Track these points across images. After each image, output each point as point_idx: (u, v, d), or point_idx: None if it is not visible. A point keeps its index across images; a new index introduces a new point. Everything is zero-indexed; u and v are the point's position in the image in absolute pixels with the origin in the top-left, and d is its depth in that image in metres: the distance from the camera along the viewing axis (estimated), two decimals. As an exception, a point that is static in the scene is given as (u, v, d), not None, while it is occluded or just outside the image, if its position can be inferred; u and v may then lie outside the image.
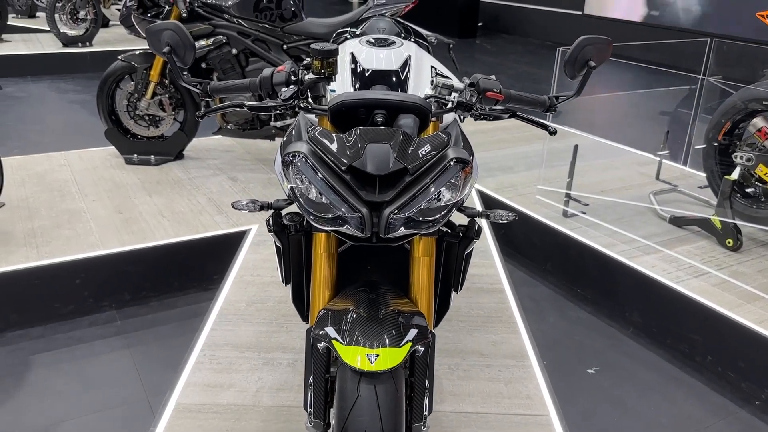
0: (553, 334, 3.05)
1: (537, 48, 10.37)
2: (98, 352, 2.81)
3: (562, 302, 3.33)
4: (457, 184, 1.43)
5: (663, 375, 2.79)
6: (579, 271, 3.43)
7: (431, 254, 1.59)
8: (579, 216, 3.64)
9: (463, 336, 2.62)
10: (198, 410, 2.18)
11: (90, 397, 2.54)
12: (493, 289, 2.96)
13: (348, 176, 1.36)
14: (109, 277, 3.12)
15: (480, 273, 3.09)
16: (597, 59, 1.65)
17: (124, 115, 4.12)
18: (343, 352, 1.35)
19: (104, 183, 3.88)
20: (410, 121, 1.43)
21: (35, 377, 2.64)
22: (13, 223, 3.33)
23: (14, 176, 3.92)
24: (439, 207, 1.42)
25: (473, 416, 2.20)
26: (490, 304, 2.84)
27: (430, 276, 1.59)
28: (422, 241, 1.58)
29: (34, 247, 3.09)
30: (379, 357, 1.34)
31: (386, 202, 1.37)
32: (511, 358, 2.50)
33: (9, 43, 7.62)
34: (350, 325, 1.40)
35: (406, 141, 1.38)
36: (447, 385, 2.34)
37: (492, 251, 3.32)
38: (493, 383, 2.36)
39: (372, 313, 1.45)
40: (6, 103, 6.26)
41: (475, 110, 1.56)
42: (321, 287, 1.57)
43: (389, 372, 1.34)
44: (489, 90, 1.58)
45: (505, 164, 4.42)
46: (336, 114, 1.45)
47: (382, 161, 1.34)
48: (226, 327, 2.62)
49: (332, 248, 1.58)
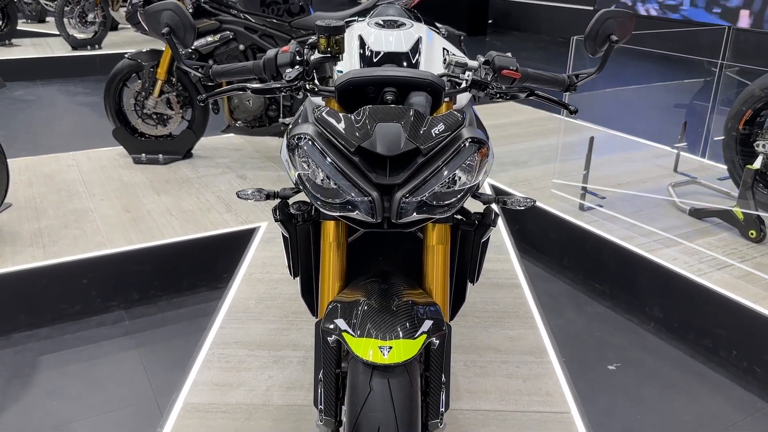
0: (572, 330, 2.96)
1: (548, 44, 10.26)
2: (106, 353, 2.76)
3: (580, 297, 3.24)
4: (472, 165, 1.35)
5: (686, 371, 2.70)
6: (597, 265, 3.33)
7: (446, 242, 1.52)
8: (596, 209, 3.55)
9: (479, 332, 2.54)
10: (206, 410, 2.11)
11: (98, 397, 2.48)
12: (509, 284, 2.88)
13: (357, 158, 1.28)
14: (117, 277, 3.07)
15: (495, 268, 3.01)
16: (619, 34, 1.57)
17: (132, 114, 4.07)
18: (355, 345, 1.28)
19: (112, 182, 3.84)
20: (422, 99, 1.35)
21: (43, 378, 2.59)
22: (20, 223, 3.28)
23: (22, 177, 3.88)
24: (454, 191, 1.34)
25: (491, 414, 2.12)
26: (506, 299, 2.76)
27: (445, 265, 1.52)
28: (436, 229, 1.50)
29: (41, 247, 3.05)
30: (392, 349, 1.27)
31: (397, 186, 1.29)
32: (529, 354, 2.42)
33: (19, 47, 7.62)
34: (361, 317, 1.33)
35: (418, 120, 1.30)
36: (463, 382, 2.26)
37: (507, 245, 3.23)
38: (511, 380, 2.28)
39: (384, 305, 1.38)
40: (15, 106, 6.25)
41: (491, 89, 1.48)
42: (330, 278, 1.50)
43: (403, 365, 1.27)
44: (505, 68, 1.50)
45: (519, 159, 4.34)
46: (343, 94, 1.38)
47: (392, 141, 1.26)
48: (236, 325, 2.56)
49: (342, 237, 1.51)
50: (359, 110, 1.31)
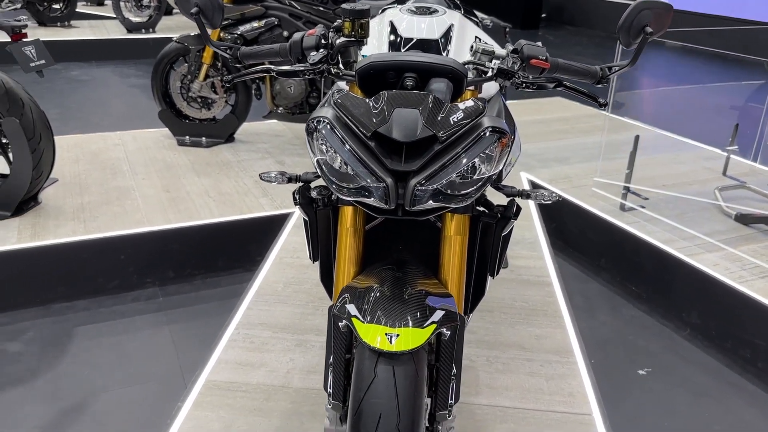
0: (604, 332, 2.89)
1: (603, 40, 10.03)
2: (138, 327, 2.83)
3: (616, 300, 3.16)
4: (491, 155, 1.33)
5: (720, 380, 2.61)
6: (634, 267, 3.25)
7: (464, 233, 1.49)
8: (637, 210, 3.46)
9: (505, 328, 2.51)
10: (227, 388, 2.14)
11: (127, 370, 2.55)
12: (540, 282, 2.83)
13: (373, 143, 1.27)
14: (154, 254, 3.14)
15: (527, 265, 2.96)
16: (655, 26, 1.51)
17: (178, 96, 4.15)
18: (362, 331, 1.28)
19: (155, 163, 3.92)
20: (443, 86, 1.33)
21: (77, 348, 2.67)
22: (64, 198, 3.39)
23: (69, 154, 4.00)
24: (472, 180, 1.32)
25: (510, 411, 2.09)
26: (535, 297, 2.71)
27: (462, 256, 1.50)
28: (455, 219, 1.48)
29: (82, 222, 3.13)
30: (399, 337, 1.26)
31: (413, 173, 1.28)
32: (555, 353, 2.38)
33: (77, 28, 7.85)
34: (372, 304, 1.33)
35: (437, 107, 1.28)
36: (484, 377, 2.24)
37: (541, 243, 3.18)
38: (533, 378, 2.24)
39: (396, 292, 1.37)
40: (71, 86, 6.44)
41: (517, 78, 1.45)
42: (346, 264, 1.50)
43: (410, 353, 1.26)
44: (534, 57, 1.46)
45: (562, 155, 4.25)
46: (364, 78, 1.37)
47: (409, 128, 1.25)
48: (262, 307, 2.59)
49: (359, 223, 1.51)
50: (378, 95, 1.30)
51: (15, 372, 2.51)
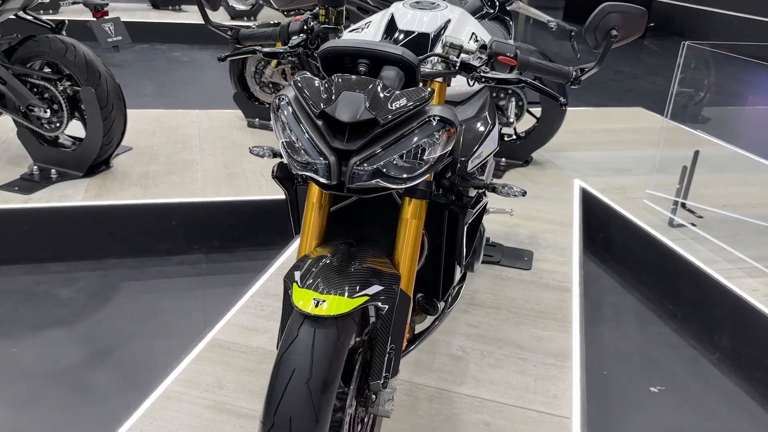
0: (626, 346, 2.83)
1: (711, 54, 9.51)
2: (177, 288, 3.06)
3: (648, 316, 3.08)
4: (432, 143, 1.38)
5: (737, 408, 2.50)
6: (673, 285, 3.15)
7: (420, 218, 1.56)
8: (687, 227, 3.34)
9: (508, 326, 2.53)
10: (228, 347, 2.31)
11: (158, 325, 2.77)
12: (558, 287, 2.81)
13: (321, 122, 1.37)
14: (203, 224, 3.37)
15: (551, 269, 2.95)
16: (623, 31, 1.51)
17: (251, 80, 4.39)
18: (296, 295, 1.38)
19: (223, 141, 4.18)
20: (392, 74, 1.40)
21: (118, 301, 2.93)
22: (133, 165, 3.69)
23: (148, 126, 4.33)
24: (412, 165, 1.39)
25: (488, 403, 2.12)
26: (548, 301, 2.71)
27: (416, 240, 1.56)
28: (412, 204, 1.55)
29: (144, 188, 3.41)
30: (326, 303, 1.35)
31: (354, 152, 1.36)
32: (552, 356, 2.37)
33: (186, 13, 8.39)
34: (315, 272, 1.42)
35: (382, 92, 1.36)
36: (473, 369, 2.28)
37: (573, 250, 3.14)
38: (522, 376, 2.26)
39: (343, 265, 1.46)
40: (170, 65, 6.91)
41: (477, 73, 1.49)
42: (308, 237, 1.60)
43: (333, 319, 1.35)
44: (501, 54, 1.51)
45: (623, 166, 4.15)
46: (326, 63, 1.46)
47: (352, 109, 1.33)
48: (280, 280, 2.73)
49: (325, 200, 1.60)
50: (331, 77, 1.39)
51: (59, 314, 2.80)
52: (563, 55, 8.61)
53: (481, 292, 2.73)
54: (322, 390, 1.29)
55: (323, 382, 1.29)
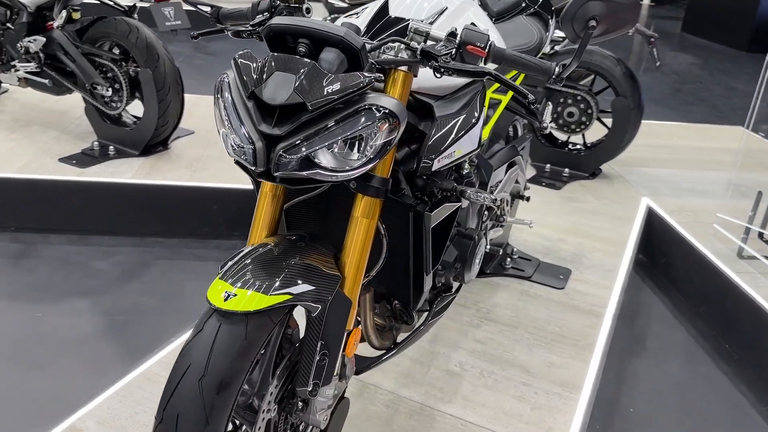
0: (665, 383, 2.55)
1: None
2: (209, 272, 3.08)
3: (698, 353, 2.77)
4: (368, 135, 1.26)
5: (777, 471, 2.19)
6: (732, 322, 2.81)
7: (371, 217, 1.44)
8: (759, 260, 2.98)
9: (520, 347, 2.34)
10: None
11: (178, 305, 2.80)
12: (589, 311, 2.58)
13: (251, 103, 1.28)
14: (243, 211, 3.38)
15: (586, 291, 2.71)
16: (606, 23, 1.31)
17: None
18: (212, 286, 1.30)
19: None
20: (332, 56, 1.29)
21: (148, 278, 2.99)
22: (188, 148, 3.77)
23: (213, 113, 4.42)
24: (347, 158, 1.27)
25: (471, 427, 1.96)
26: (574, 325, 2.48)
27: (366, 240, 1.44)
28: (363, 201, 1.43)
29: (192, 171, 3.48)
30: (236, 297, 1.26)
31: (283, 139, 1.26)
32: (559, 384, 2.17)
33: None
34: (244, 263, 1.34)
35: (315, 75, 1.25)
36: (465, 388, 2.12)
37: (619, 272, 2.88)
38: (518, 403, 2.07)
39: (279, 259, 1.37)
40: (262, 56, 7.06)
41: (436, 62, 1.35)
42: (258, 228, 1.53)
43: (244, 316, 1.26)
44: (470, 44, 1.35)
45: (702, 187, 3.78)
46: (271, 42, 1.37)
47: (279, 91, 1.23)
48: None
49: (279, 190, 1.52)
50: (266, 57, 1.31)
51: (89, 285, 2.89)
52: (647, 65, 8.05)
53: (500, 307, 2.55)
54: (217, 390, 1.20)
55: (219, 382, 1.21)
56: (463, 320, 2.45)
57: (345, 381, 1.59)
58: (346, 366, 1.57)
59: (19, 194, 3.26)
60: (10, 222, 3.28)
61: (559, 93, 3.70)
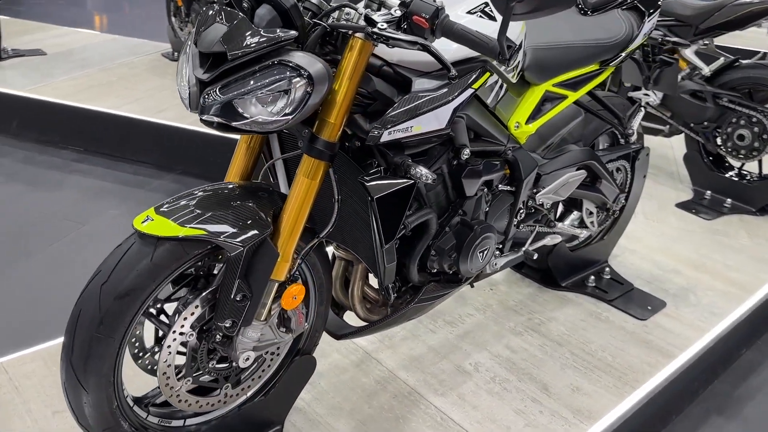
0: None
1: None
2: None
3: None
4: (281, 91, 1.31)
5: None
6: None
7: (313, 178, 1.48)
8: None
9: (551, 365, 2.16)
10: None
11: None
12: (659, 350, 2.26)
13: (195, 51, 1.40)
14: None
15: (672, 329, 2.37)
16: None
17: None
18: (144, 212, 1.45)
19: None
20: (263, 12, 1.35)
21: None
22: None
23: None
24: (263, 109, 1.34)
25: (449, 424, 1.89)
26: (632, 359, 2.21)
27: (305, 200, 1.49)
28: (306, 161, 1.48)
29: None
30: (152, 222, 1.40)
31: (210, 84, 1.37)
32: (573, 410, 1.97)
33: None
34: (186, 199, 1.48)
35: (241, 27, 1.33)
36: (467, 387, 2.03)
37: (728, 318, 2.47)
38: (514, 415, 1.94)
39: (221, 201, 1.49)
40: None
41: (372, 27, 1.33)
42: (232, 172, 1.65)
43: (155, 239, 1.39)
44: (416, 14, 1.33)
45: None
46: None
47: (209, 41, 1.34)
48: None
49: (254, 142, 1.63)
50: (213, 8, 1.41)
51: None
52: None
53: (556, 322, 2.37)
54: (115, 297, 1.37)
55: (117, 291, 1.37)
56: (507, 325, 2.33)
57: (291, 334, 1.66)
58: (290, 319, 1.64)
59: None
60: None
61: (733, 112, 3.25)
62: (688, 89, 3.32)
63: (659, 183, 3.55)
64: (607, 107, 2.25)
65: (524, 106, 1.94)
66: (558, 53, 1.97)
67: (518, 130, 1.93)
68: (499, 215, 1.97)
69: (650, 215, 3.20)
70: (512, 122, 1.91)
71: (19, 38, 4.96)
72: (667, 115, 3.43)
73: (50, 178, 3.63)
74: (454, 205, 1.81)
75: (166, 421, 1.62)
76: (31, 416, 1.83)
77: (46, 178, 3.62)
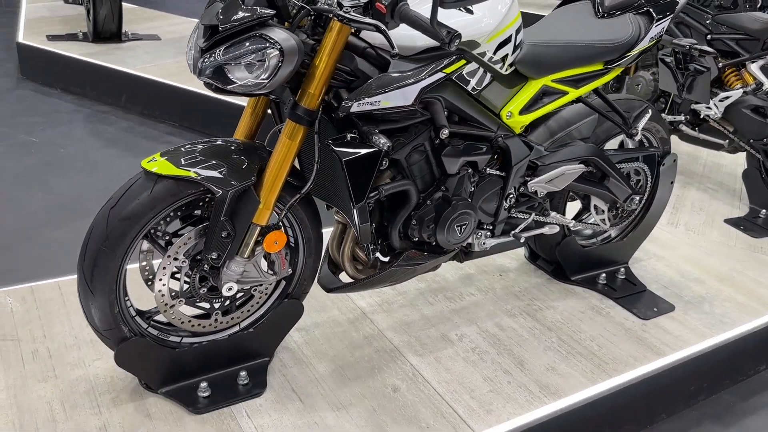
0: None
1: None
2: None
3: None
4: (259, 60, 1.56)
5: None
6: None
7: (293, 139, 1.72)
8: None
9: (535, 346, 2.26)
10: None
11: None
12: (650, 347, 2.30)
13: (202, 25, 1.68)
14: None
15: (672, 330, 2.39)
16: None
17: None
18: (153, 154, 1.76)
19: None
20: None
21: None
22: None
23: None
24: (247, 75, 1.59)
25: (418, 379, 2.06)
26: (618, 351, 2.27)
27: (285, 160, 1.72)
28: (288, 124, 1.72)
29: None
30: (155, 162, 1.71)
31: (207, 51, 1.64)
32: (541, 386, 2.08)
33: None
34: (192, 147, 1.77)
35: (233, 5, 1.59)
36: (446, 353, 2.19)
37: (738, 329, 2.45)
38: (481, 382, 2.08)
39: (218, 152, 1.77)
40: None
41: (336, 9, 1.56)
42: (238, 131, 1.92)
43: (155, 176, 1.69)
44: (378, 0, 1.54)
45: None
46: None
47: (209, 16, 1.62)
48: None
49: (259, 106, 1.90)
50: None
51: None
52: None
53: (554, 310, 2.47)
54: (120, 219, 1.68)
55: (122, 214, 1.68)
56: (504, 307, 2.46)
57: (275, 276, 1.91)
58: (274, 263, 1.89)
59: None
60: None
61: None
62: (751, 104, 3.26)
63: (716, 198, 3.49)
64: (612, 107, 2.33)
65: (518, 98, 2.08)
66: (556, 51, 2.09)
67: (510, 119, 2.08)
68: (488, 197, 2.12)
69: (693, 227, 3.18)
70: (504, 111, 2.06)
71: (140, 24, 5.61)
72: (728, 130, 3.39)
73: (144, 146, 4.12)
74: (438, 181, 1.99)
75: (164, 334, 1.93)
76: (69, 324, 2.20)
77: (140, 146, 4.12)
